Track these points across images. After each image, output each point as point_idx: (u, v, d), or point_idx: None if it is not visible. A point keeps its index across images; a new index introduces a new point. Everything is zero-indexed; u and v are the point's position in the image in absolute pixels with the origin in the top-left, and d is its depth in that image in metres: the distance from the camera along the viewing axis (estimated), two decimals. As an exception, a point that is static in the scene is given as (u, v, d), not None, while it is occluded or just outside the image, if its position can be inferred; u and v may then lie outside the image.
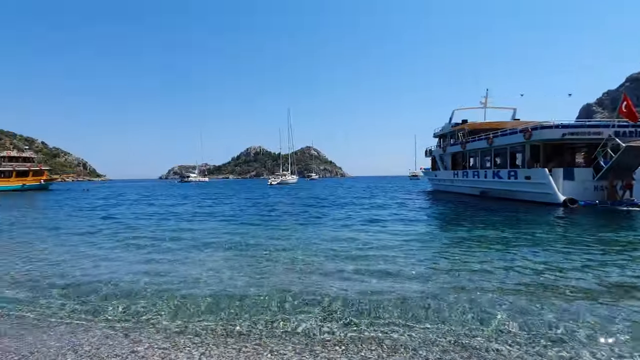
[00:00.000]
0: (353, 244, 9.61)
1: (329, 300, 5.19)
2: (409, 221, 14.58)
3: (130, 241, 10.86)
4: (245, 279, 6.54)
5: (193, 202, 29.38)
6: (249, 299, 5.43)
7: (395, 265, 7.29)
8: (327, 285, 5.98)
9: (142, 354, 3.73)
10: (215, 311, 4.99)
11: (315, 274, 6.71)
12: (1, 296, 5.87)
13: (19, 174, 56.34)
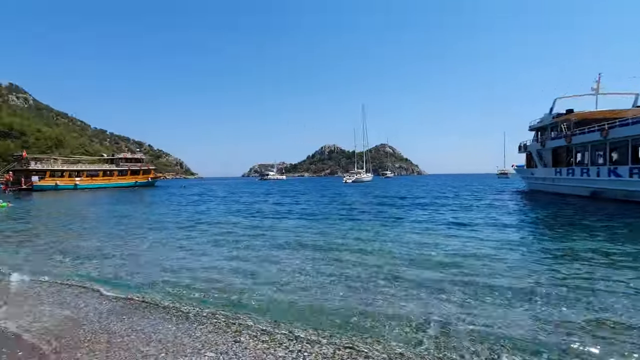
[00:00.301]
0: (441, 251, 8.89)
1: (422, 321, 4.74)
2: (504, 226, 13.06)
3: (221, 237, 11.70)
4: (333, 285, 6.43)
5: (273, 199, 30.94)
6: (339, 307, 5.32)
7: (496, 279, 6.47)
8: (419, 301, 5.55)
9: (244, 345, 3.88)
10: (306, 315, 4.99)
11: (405, 285, 6.28)
12: (116, 280, 6.76)
13: (132, 172, 66.01)
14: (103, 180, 60.69)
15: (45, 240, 11.54)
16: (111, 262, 8.33)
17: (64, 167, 57.82)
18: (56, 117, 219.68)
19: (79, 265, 8.01)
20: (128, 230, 13.62)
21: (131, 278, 6.94)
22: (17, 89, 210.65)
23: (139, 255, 9.08)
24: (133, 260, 8.43)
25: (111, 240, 11.36)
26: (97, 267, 7.81)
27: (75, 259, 8.68)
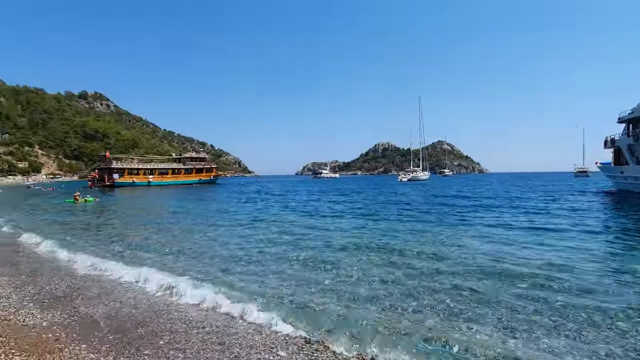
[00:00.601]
0: (518, 260, 7.84)
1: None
2: (591, 233, 11.33)
3: (280, 237, 11.68)
4: (401, 296, 5.92)
5: (328, 197, 30.81)
6: (411, 327, 4.81)
7: (586, 298, 5.45)
8: (500, 329, 4.82)
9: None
10: (380, 336, 4.56)
11: (480, 303, 5.53)
12: (184, 271, 6.93)
13: (197, 170, 70.76)
14: (172, 178, 65.83)
15: (132, 234, 12.49)
16: (192, 257, 8.65)
17: (139, 166, 63.77)
18: (133, 120, 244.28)
19: (164, 258, 8.45)
20: (198, 225, 14.29)
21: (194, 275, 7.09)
22: (102, 96, 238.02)
23: (201, 252, 9.33)
24: (196, 258, 8.67)
25: (186, 235, 11.94)
26: (178, 262, 8.14)
27: (166, 254, 9.17)
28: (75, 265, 7.72)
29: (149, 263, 8.07)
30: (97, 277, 6.88)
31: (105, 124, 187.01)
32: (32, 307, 5.20)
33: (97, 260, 8.22)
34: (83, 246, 10.08)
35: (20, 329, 4.30)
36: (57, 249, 9.44)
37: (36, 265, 7.70)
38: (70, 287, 6.26)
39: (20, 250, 9.42)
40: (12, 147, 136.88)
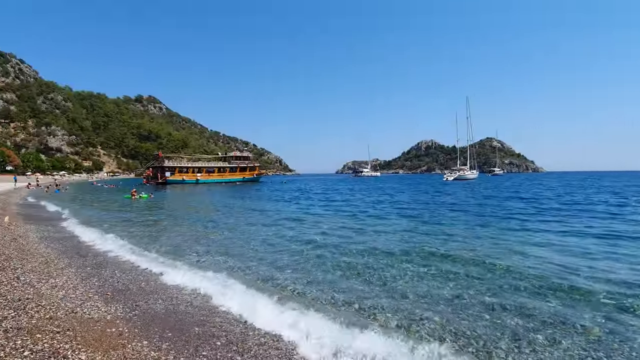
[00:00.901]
0: (593, 275, 6.81)
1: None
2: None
3: (325, 239, 11.39)
4: (458, 313, 5.36)
5: (371, 197, 30.13)
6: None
7: None
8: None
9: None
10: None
11: (550, 328, 4.83)
12: (233, 265, 6.85)
13: (241, 169, 72.93)
14: (218, 176, 68.43)
15: (185, 230, 12.93)
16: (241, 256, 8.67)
17: (188, 164, 67.01)
18: (182, 122, 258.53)
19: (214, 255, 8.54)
20: (245, 225, 14.48)
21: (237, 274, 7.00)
22: (155, 100, 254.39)
23: (249, 254, 9.30)
24: (245, 258, 8.63)
25: (235, 234, 12.10)
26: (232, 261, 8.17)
27: (213, 253, 9.31)
28: (135, 259, 7.97)
29: (202, 260, 8.16)
30: (155, 272, 7.01)
31: (157, 125, 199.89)
32: (97, 299, 5.34)
33: (153, 255, 8.47)
34: (140, 241, 10.50)
35: (86, 322, 4.37)
36: (118, 242, 9.90)
37: (100, 259, 8.06)
38: (131, 281, 6.42)
39: (86, 242, 10.00)
40: (78, 148, 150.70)
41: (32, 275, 6.04)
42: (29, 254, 7.81)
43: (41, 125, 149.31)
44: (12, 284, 5.40)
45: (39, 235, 10.56)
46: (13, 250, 7.82)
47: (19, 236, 9.75)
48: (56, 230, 12.05)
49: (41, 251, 8.28)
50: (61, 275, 6.42)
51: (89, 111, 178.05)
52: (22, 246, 8.48)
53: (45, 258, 7.60)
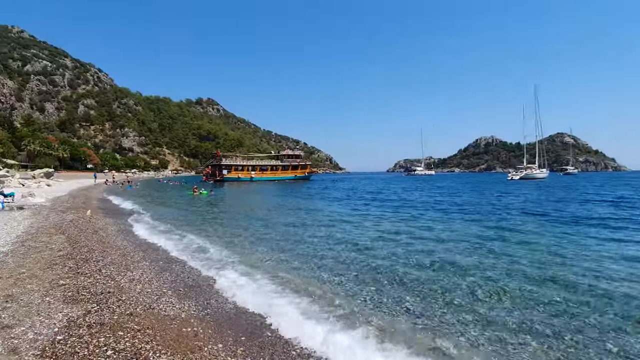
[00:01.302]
0: None
1: None
2: None
3: (382, 245, 10.75)
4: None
5: (429, 196, 28.61)
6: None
7: None
8: None
9: None
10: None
11: None
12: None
13: (293, 167, 74.16)
14: (271, 174, 70.30)
15: (244, 225, 13.14)
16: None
17: (243, 163, 69.69)
18: (237, 122, 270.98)
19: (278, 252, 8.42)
20: (300, 226, 14.35)
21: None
22: (213, 102, 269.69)
23: (312, 253, 9.00)
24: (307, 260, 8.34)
25: (294, 234, 11.97)
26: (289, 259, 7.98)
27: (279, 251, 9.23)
28: (201, 256, 8.06)
29: (265, 261, 8.03)
30: (222, 271, 6.97)
31: (215, 126, 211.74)
32: (171, 295, 5.35)
33: (219, 252, 8.53)
34: (206, 237, 10.75)
35: (163, 320, 4.31)
36: (186, 237, 10.21)
37: (170, 253, 8.30)
38: (200, 277, 6.43)
39: (156, 237, 10.45)
40: (146, 147, 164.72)
41: (112, 268, 6.28)
42: (108, 246, 8.28)
43: (116, 127, 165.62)
44: (95, 277, 5.62)
45: (116, 229, 11.29)
46: (95, 242, 8.34)
47: (99, 229, 10.49)
48: (130, 224, 12.86)
49: (118, 244, 8.75)
50: (137, 268, 6.62)
51: (156, 114, 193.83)
52: (102, 238, 9.05)
53: (122, 251, 7.98)
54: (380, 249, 8.97)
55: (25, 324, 3.83)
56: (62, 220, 11.44)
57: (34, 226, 10.36)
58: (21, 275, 5.47)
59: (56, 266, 6.04)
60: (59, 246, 7.62)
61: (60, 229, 9.82)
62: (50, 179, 43.65)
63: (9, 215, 13.04)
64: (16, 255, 6.78)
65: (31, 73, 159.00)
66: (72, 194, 24.69)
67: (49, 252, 7.06)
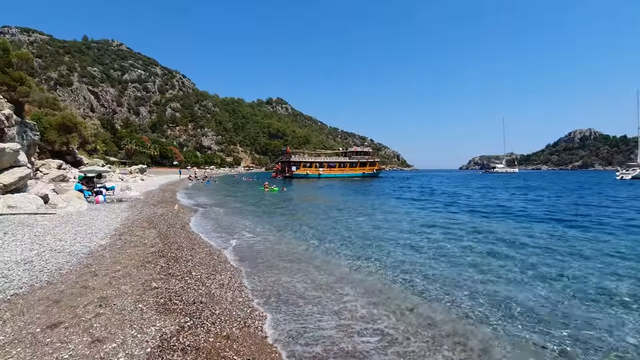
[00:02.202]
0: None
1: None
2: None
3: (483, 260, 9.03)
4: None
5: (522, 197, 25.15)
6: None
7: None
8: None
9: None
10: None
11: None
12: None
13: (361, 164, 72.71)
14: (338, 170, 69.83)
15: (323, 223, 12.44)
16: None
17: (312, 159, 70.18)
18: (305, 120, 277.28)
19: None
20: (385, 226, 13.16)
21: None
22: (282, 101, 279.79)
23: (407, 266, 7.78)
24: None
25: (382, 239, 10.91)
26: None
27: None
28: (290, 258, 7.40)
29: (363, 269, 7.06)
30: (318, 279, 6.16)
31: (284, 124, 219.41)
32: (262, 306, 4.63)
33: (308, 252, 7.79)
34: (290, 238, 10.19)
35: (263, 348, 3.54)
36: (268, 237, 9.74)
37: (255, 254, 7.80)
38: (291, 285, 5.69)
39: (239, 235, 10.18)
40: (222, 146, 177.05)
41: (202, 270, 5.86)
42: (195, 243, 8.08)
43: (197, 127, 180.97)
44: (185, 280, 5.19)
45: (200, 224, 11.36)
46: (183, 238, 8.22)
47: (185, 224, 10.59)
48: (213, 220, 12.97)
49: (204, 241, 8.56)
50: (225, 270, 6.15)
51: (231, 114, 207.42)
52: (189, 234, 8.96)
53: (209, 249, 7.69)
54: (500, 271, 7.40)
55: (117, 339, 3.36)
56: (154, 214, 11.89)
57: (130, 219, 10.83)
58: (116, 273, 5.27)
59: (149, 264, 5.80)
60: (151, 241, 7.58)
61: (152, 223, 10.07)
62: (144, 174, 48.73)
63: (110, 207, 14.10)
64: (113, 249, 6.80)
65: (129, 81, 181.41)
66: (161, 188, 26.77)
67: (142, 247, 6.99)
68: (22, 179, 16.44)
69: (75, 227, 9.28)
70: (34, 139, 26.79)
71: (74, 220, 10.30)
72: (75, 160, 38.15)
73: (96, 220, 10.55)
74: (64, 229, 8.85)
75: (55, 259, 6.00)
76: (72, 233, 8.35)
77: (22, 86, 23.09)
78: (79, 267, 5.60)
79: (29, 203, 13.12)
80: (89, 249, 6.80)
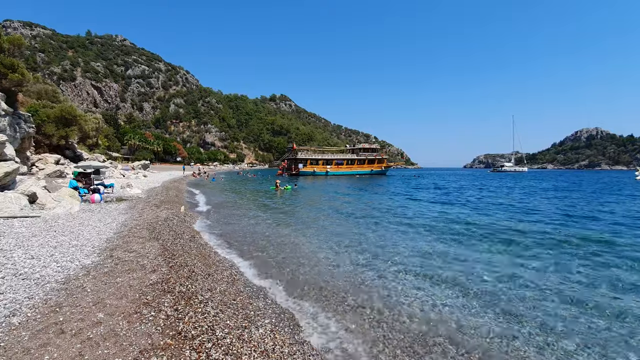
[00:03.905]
0: None
1: None
2: None
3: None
4: None
5: (548, 199, 23.07)
6: None
7: None
8: None
9: None
10: None
11: None
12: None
13: (369, 161, 70.54)
14: (346, 168, 67.65)
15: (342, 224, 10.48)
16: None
17: (319, 156, 67.99)
18: (308, 117, 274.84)
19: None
20: (418, 237, 11.16)
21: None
22: (286, 97, 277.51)
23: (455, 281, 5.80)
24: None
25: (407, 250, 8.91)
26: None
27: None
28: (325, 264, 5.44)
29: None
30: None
31: (287, 121, 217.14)
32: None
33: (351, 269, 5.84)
34: (327, 253, 8.23)
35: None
36: (292, 238, 7.80)
37: (285, 284, 5.84)
38: (343, 341, 3.72)
39: (258, 249, 8.25)
40: (226, 142, 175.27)
41: (230, 323, 3.79)
42: (211, 264, 6.10)
43: (200, 124, 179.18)
44: (206, 349, 3.17)
45: (213, 231, 9.44)
46: (195, 257, 6.21)
47: (195, 233, 8.63)
48: (228, 227, 11.05)
49: (222, 260, 6.60)
50: (262, 317, 4.16)
51: (235, 111, 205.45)
52: (201, 250, 6.99)
53: (229, 272, 5.73)
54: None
55: None
56: (156, 218, 9.95)
57: (128, 224, 8.91)
58: (95, 330, 3.30)
59: (147, 308, 3.84)
60: (152, 262, 5.63)
61: (154, 231, 8.12)
62: (147, 170, 46.93)
63: (107, 208, 12.20)
64: (99, 275, 4.86)
65: (132, 77, 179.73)
66: (165, 185, 24.86)
67: (139, 273, 5.03)
68: (8, 174, 14.52)
69: (58, 236, 7.37)
70: (29, 132, 24.91)
71: (59, 226, 8.39)
72: (75, 155, 36.31)
73: (87, 226, 8.64)
74: (42, 239, 6.95)
75: (13, 293, 4.09)
76: (51, 246, 6.44)
77: (14, 73, 21.16)
78: (42, 309, 3.69)
79: (10, 203, 11.20)
80: (66, 274, 4.89)
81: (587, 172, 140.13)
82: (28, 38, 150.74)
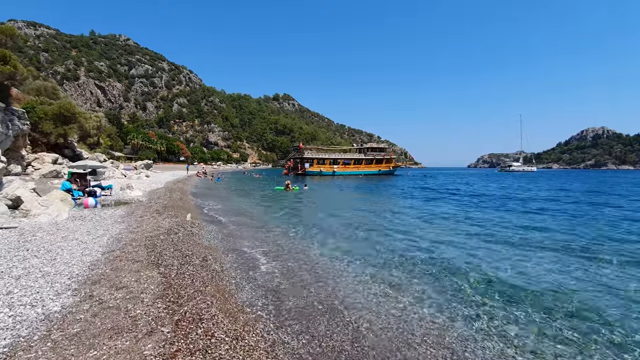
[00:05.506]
0: None
1: None
2: None
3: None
4: None
5: (592, 202, 21.21)
6: None
7: None
8: None
9: None
10: None
11: None
12: None
13: (377, 161, 68.67)
14: (354, 167, 65.75)
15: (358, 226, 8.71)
16: None
17: (326, 156, 66.15)
18: (312, 116, 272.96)
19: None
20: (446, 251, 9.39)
21: None
22: (289, 97, 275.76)
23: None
24: None
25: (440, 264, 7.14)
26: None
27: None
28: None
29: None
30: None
31: (291, 120, 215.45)
32: None
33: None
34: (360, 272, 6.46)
35: None
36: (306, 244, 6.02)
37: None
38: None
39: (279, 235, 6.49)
40: (229, 142, 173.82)
41: None
42: (238, 312, 4.30)
43: (204, 123, 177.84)
44: None
45: (229, 249, 7.68)
46: (210, 296, 4.37)
47: (207, 254, 6.81)
48: (247, 242, 9.29)
49: (248, 300, 4.81)
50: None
51: (238, 110, 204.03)
52: (218, 281, 5.19)
53: (251, 310, 3.95)
54: None
55: None
56: (158, 230, 8.18)
57: (122, 239, 7.18)
58: None
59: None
60: (149, 312, 3.80)
61: (154, 250, 6.35)
62: (150, 169, 45.31)
63: (100, 215, 10.47)
64: (61, 344, 3.10)
65: (136, 76, 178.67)
66: (168, 186, 23.14)
67: (127, 337, 3.24)
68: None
69: (29, 257, 5.65)
70: (23, 129, 23.24)
71: (35, 242, 6.67)
72: (75, 154, 34.68)
73: (71, 240, 6.91)
74: (8, 264, 5.24)
75: None
76: (13, 276, 4.72)
77: (5, 65, 19.53)
78: None
79: (-14, 210, 9.56)
80: (15, 332, 3.17)
81: (595, 172, 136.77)
82: (32, 37, 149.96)
